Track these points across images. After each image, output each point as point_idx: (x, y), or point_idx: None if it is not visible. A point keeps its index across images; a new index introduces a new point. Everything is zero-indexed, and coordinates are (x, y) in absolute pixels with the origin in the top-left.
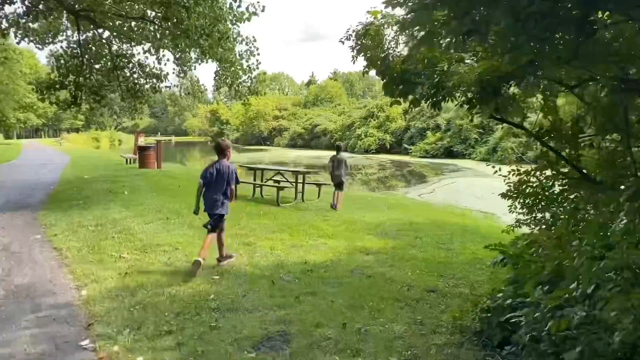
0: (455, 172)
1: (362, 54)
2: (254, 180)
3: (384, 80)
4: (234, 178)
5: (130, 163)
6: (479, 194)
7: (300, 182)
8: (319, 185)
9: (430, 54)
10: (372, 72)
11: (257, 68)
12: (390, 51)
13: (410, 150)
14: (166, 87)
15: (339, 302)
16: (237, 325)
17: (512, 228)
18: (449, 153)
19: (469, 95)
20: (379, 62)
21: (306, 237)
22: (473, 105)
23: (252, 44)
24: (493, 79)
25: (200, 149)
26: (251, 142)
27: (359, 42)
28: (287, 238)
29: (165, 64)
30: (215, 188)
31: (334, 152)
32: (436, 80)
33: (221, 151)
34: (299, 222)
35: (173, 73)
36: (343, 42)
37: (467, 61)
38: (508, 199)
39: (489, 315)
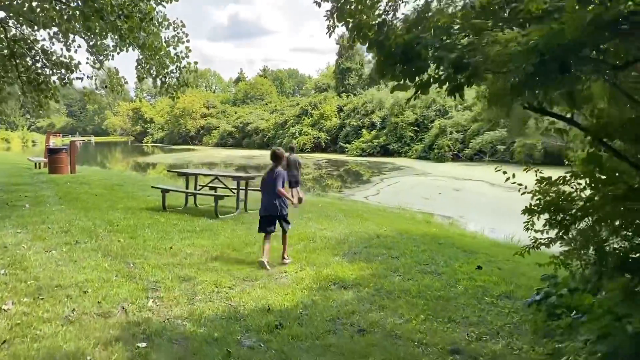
0: (395, 170)
1: (344, 21)
2: (187, 187)
3: (379, 56)
4: (281, 181)
5: (39, 167)
6: (426, 194)
7: (242, 189)
8: None
9: (446, 19)
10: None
11: (187, 57)
12: (387, 16)
13: (346, 149)
14: (77, 78)
15: None
16: None
17: (526, 249)
18: (385, 151)
19: (519, 74)
20: (370, 32)
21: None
22: (521, 88)
23: (181, 29)
24: (559, 50)
25: (123, 148)
26: (177, 142)
27: (340, 5)
28: (236, 266)
29: (76, 51)
30: (273, 192)
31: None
32: (455, 55)
33: (277, 159)
34: (246, 240)
35: (87, 63)
36: (319, 4)
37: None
38: (529, 215)
39: None
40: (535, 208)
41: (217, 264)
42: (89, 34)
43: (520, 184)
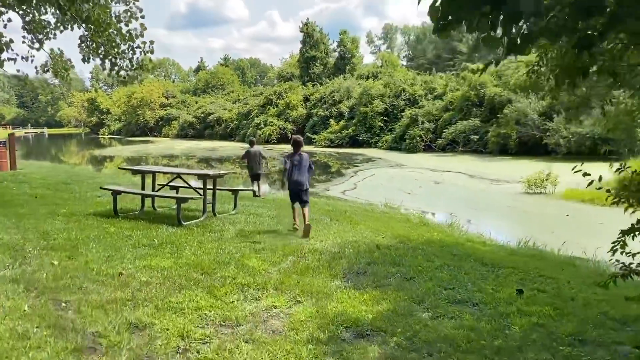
0: (367, 162)
1: None
2: (143, 188)
3: None
4: (311, 164)
5: None
6: (407, 188)
7: (209, 189)
8: (234, 191)
9: None
10: None
11: (142, 35)
12: None
13: (314, 140)
14: (9, 59)
15: None
16: None
17: (612, 279)
18: (354, 142)
19: None
20: None
21: (239, 293)
22: None
23: (133, 3)
24: None
25: (78, 141)
26: (135, 133)
27: None
28: (208, 301)
29: (5, 26)
30: (300, 172)
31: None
32: None
33: (299, 145)
34: (218, 257)
35: (24, 43)
36: None
37: None
38: (625, 235)
39: None
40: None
41: (182, 298)
42: (23, 7)
43: (602, 188)
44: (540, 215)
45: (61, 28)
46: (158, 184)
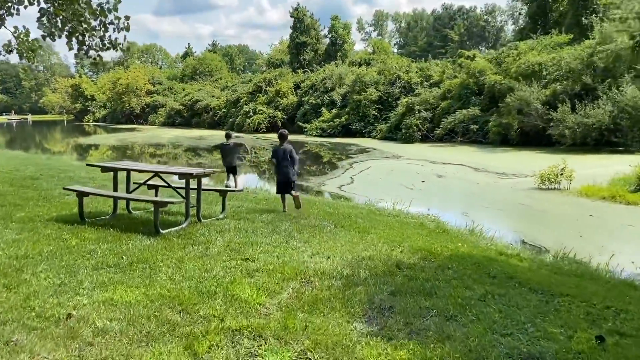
0: (362, 153)
1: None
2: (115, 189)
3: None
4: (295, 155)
5: None
6: (408, 183)
7: (192, 189)
8: (222, 192)
9: None
10: None
11: (116, 9)
12: None
13: (305, 129)
14: None
15: None
16: None
17: None
18: (347, 131)
19: None
20: None
21: (228, 346)
22: None
23: None
24: None
25: (61, 128)
26: (121, 121)
27: None
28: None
29: None
30: (285, 163)
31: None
32: None
33: (284, 138)
34: (201, 284)
35: None
36: None
37: None
38: None
39: None
40: None
41: (151, 356)
42: None
43: None
44: (561, 216)
45: (25, 3)
46: (134, 182)
